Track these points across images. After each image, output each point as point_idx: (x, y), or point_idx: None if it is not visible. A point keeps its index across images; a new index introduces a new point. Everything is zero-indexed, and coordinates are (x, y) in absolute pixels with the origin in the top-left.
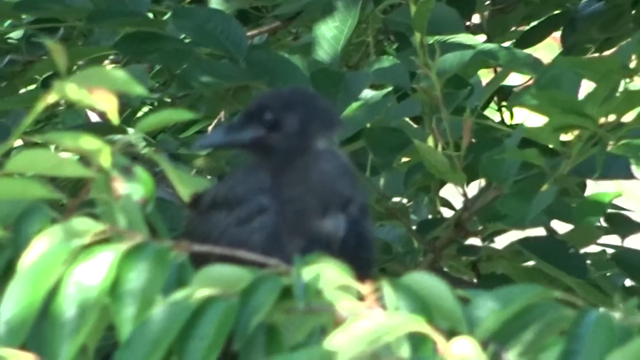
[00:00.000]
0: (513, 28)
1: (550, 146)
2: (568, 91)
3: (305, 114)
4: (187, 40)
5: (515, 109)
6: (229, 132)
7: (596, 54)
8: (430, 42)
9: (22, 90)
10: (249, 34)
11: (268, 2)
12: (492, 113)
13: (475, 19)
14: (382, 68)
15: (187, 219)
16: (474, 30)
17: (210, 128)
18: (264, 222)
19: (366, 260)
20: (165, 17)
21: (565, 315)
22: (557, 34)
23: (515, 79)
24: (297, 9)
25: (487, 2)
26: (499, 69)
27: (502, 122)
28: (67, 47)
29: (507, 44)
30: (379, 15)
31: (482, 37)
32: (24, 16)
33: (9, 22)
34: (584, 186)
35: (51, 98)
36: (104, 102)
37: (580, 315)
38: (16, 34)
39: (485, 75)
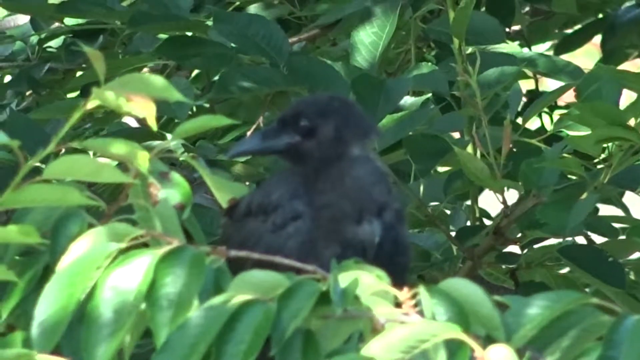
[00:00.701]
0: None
1: (593, 158)
2: (609, 100)
3: (341, 122)
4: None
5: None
6: (264, 139)
7: (637, 59)
8: (470, 51)
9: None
10: (289, 41)
11: (307, 12)
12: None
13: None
14: (421, 74)
15: (223, 226)
16: (514, 36)
17: (248, 134)
18: (299, 227)
19: (402, 266)
20: (207, 23)
21: (603, 322)
22: (597, 39)
23: (553, 83)
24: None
25: (527, 9)
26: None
27: (542, 127)
28: (106, 55)
29: (546, 45)
30: (418, 24)
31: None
32: (65, 22)
33: (47, 29)
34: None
35: (90, 105)
36: (142, 109)
37: (617, 322)
38: (55, 43)
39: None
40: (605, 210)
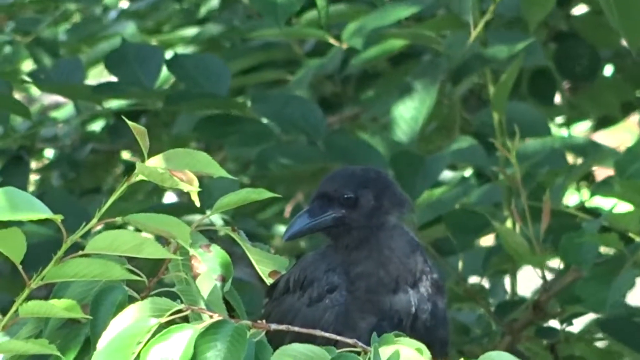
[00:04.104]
0: None
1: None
2: None
3: (379, 191)
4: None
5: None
6: (311, 217)
7: None
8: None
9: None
10: (330, 120)
11: (351, 109)
12: (570, 192)
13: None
14: (460, 149)
15: (264, 306)
16: (554, 112)
17: (287, 209)
18: (335, 299)
19: (442, 340)
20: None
21: None
22: (636, 116)
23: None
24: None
25: (567, 87)
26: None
27: (581, 203)
28: (149, 136)
29: (586, 124)
30: (459, 108)
31: (563, 127)
32: (105, 105)
33: (90, 111)
34: None
35: (134, 179)
36: (186, 183)
37: None
38: (98, 125)
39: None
40: None
